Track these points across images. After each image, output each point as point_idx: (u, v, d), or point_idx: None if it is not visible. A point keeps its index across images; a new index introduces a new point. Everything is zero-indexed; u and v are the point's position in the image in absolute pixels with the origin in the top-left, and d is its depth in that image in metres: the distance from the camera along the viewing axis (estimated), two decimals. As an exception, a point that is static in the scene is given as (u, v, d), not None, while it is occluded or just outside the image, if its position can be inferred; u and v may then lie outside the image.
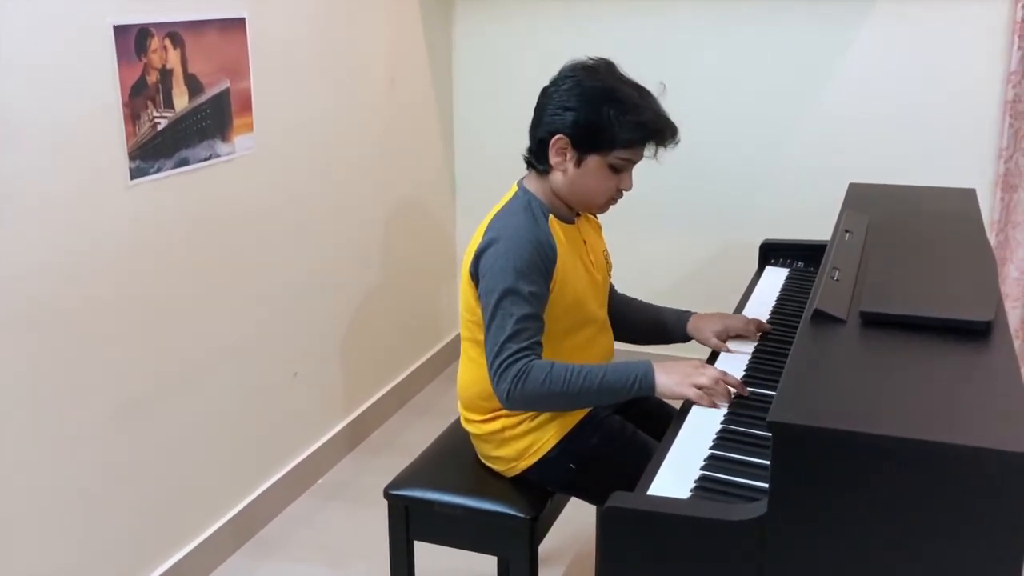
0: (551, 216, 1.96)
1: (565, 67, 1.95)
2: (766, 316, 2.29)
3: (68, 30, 2.05)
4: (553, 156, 1.92)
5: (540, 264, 1.87)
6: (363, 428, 3.37)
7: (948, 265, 1.93)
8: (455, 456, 2.14)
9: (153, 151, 2.29)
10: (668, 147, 1.94)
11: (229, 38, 2.51)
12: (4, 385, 1.99)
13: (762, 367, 2.00)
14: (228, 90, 2.52)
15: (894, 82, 3.30)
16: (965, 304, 1.68)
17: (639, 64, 2.05)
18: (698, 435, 1.72)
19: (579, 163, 1.92)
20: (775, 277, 2.58)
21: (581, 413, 2.01)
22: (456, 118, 3.86)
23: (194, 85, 2.40)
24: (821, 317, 1.69)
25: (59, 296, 2.09)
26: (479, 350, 1.93)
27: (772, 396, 1.43)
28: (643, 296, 2.35)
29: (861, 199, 2.46)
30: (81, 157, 2.11)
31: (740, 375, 1.97)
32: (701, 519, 1.40)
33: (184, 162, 2.39)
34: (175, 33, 2.32)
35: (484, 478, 2.06)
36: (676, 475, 1.60)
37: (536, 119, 1.97)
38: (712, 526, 1.39)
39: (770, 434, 1.32)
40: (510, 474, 2.03)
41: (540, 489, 2.02)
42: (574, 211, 2.04)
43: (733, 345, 2.12)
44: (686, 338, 2.21)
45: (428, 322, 3.83)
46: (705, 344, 2.16)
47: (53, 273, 2.07)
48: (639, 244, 3.64)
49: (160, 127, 2.30)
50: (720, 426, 1.74)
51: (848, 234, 2.14)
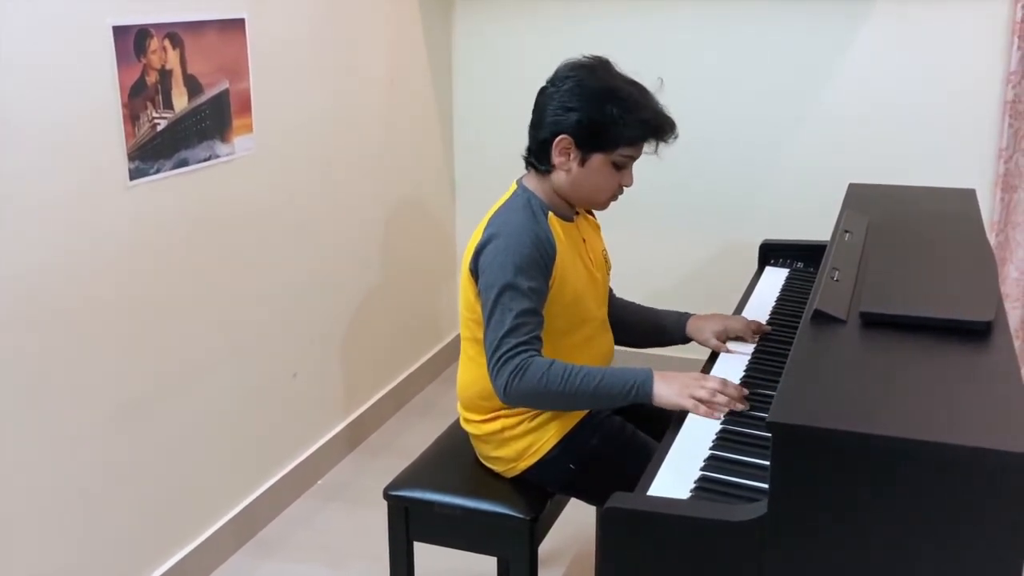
0: (551, 213, 1.97)
1: (562, 67, 1.96)
2: (766, 316, 2.29)
3: (68, 31, 2.05)
4: (556, 156, 1.93)
5: (539, 260, 1.88)
6: (363, 429, 3.37)
7: (948, 265, 1.93)
8: (455, 457, 2.14)
9: (152, 152, 2.29)
10: (669, 142, 1.96)
11: (228, 39, 2.51)
12: (4, 385, 1.99)
13: (762, 367, 2.00)
14: (227, 91, 2.52)
15: (894, 82, 3.30)
16: (965, 304, 1.68)
17: (639, 64, 2.05)
18: (698, 436, 1.72)
19: (583, 162, 1.93)
20: (775, 277, 2.58)
21: (581, 414, 2.01)
22: (456, 118, 3.86)
23: (193, 86, 2.40)
24: (821, 317, 1.69)
25: (59, 296, 2.09)
26: (479, 349, 1.93)
27: (772, 396, 1.43)
28: (643, 297, 2.35)
29: (861, 199, 2.46)
30: (81, 158, 2.11)
31: (740, 375, 1.97)
32: (701, 520, 1.40)
33: (183, 163, 2.39)
34: (174, 34, 2.32)
35: (484, 479, 2.06)
36: (676, 476, 1.60)
37: (536, 119, 1.97)
38: (712, 526, 1.39)
39: (770, 434, 1.32)
40: (510, 475, 2.03)
41: (540, 490, 2.02)
42: (573, 209, 2.05)
43: (732, 346, 2.12)
44: (685, 339, 2.21)
45: (427, 323, 3.83)
46: (704, 345, 2.17)
47: (53, 273, 2.07)
48: (639, 244, 3.64)
49: (159, 128, 2.30)
50: (720, 427, 1.74)
51: (848, 234, 2.14)
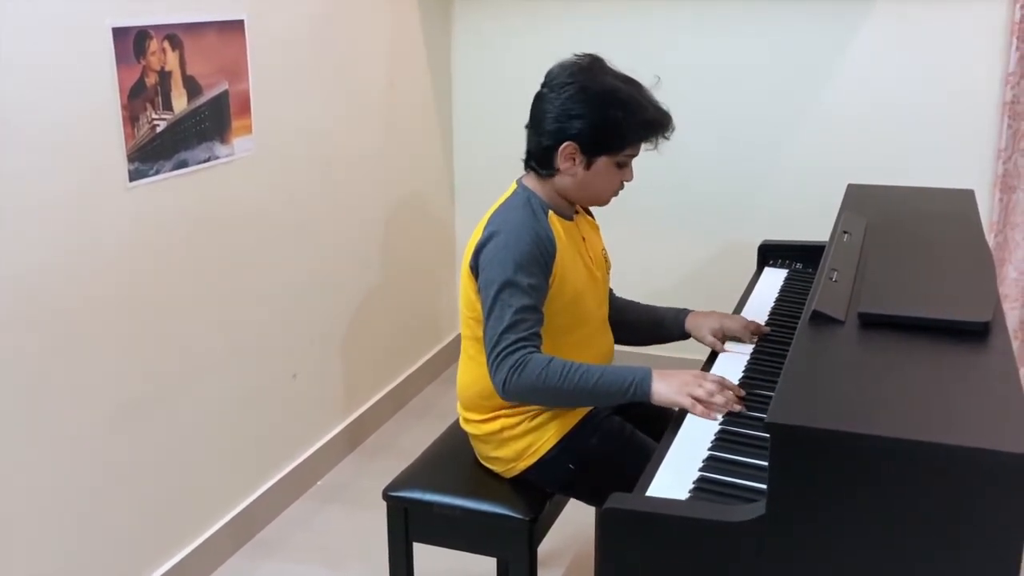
0: (551, 212, 1.98)
1: (557, 70, 1.96)
2: (765, 317, 2.29)
3: (67, 32, 2.05)
4: (562, 162, 1.94)
5: (540, 257, 1.89)
6: (362, 430, 3.37)
7: (946, 266, 1.94)
8: (454, 457, 2.14)
9: (152, 153, 2.29)
10: (669, 137, 1.98)
11: (228, 40, 2.51)
12: (4, 385, 1.99)
13: (760, 368, 2.00)
14: (227, 92, 2.52)
15: (893, 83, 3.30)
16: (963, 305, 1.68)
17: (639, 64, 2.06)
18: (697, 436, 1.72)
19: (588, 165, 1.95)
20: (774, 278, 2.58)
21: (580, 413, 2.01)
22: (455, 118, 3.86)
23: (193, 87, 2.40)
24: (819, 318, 1.69)
25: (59, 297, 2.09)
26: (480, 348, 1.94)
27: (770, 397, 1.43)
28: (642, 297, 2.35)
29: (860, 200, 2.46)
30: (80, 159, 2.11)
31: (739, 376, 1.97)
32: (700, 520, 1.40)
33: (183, 164, 2.40)
34: (174, 35, 2.32)
35: (483, 479, 2.06)
36: (675, 476, 1.60)
37: (536, 125, 1.97)
38: (711, 527, 1.39)
39: (768, 435, 1.33)
40: (509, 475, 2.03)
41: (539, 490, 2.02)
42: (573, 208, 2.06)
43: (729, 346, 2.12)
44: (684, 335, 2.22)
45: (427, 324, 3.84)
46: (701, 342, 2.18)
47: (53, 274, 2.07)
48: (639, 245, 3.64)
49: (159, 129, 2.31)
50: (718, 427, 1.75)
51: (847, 235, 2.14)
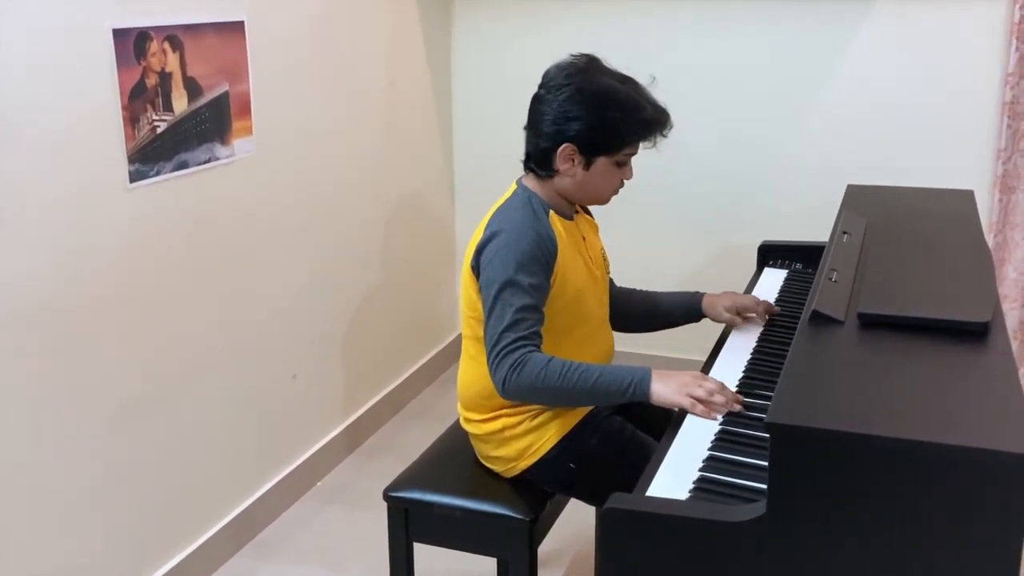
0: (551, 212, 1.98)
1: (554, 71, 1.96)
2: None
3: (68, 33, 2.05)
4: (561, 163, 1.95)
5: (541, 257, 1.89)
6: (362, 431, 3.37)
7: (946, 266, 1.94)
8: (454, 458, 2.15)
9: (152, 154, 2.30)
10: (667, 135, 1.99)
11: (228, 41, 2.52)
12: (4, 386, 1.99)
13: (760, 368, 2.00)
14: (227, 93, 2.53)
15: (893, 83, 3.30)
16: (962, 305, 1.69)
17: (638, 64, 2.06)
18: (697, 436, 1.73)
19: (587, 166, 1.95)
20: (774, 278, 2.58)
21: (581, 413, 2.02)
22: (455, 119, 3.86)
23: (193, 88, 2.40)
24: (819, 318, 1.69)
25: (59, 298, 2.09)
26: (480, 348, 1.94)
27: (770, 397, 1.44)
28: (642, 297, 2.36)
29: (859, 200, 2.46)
30: (81, 160, 2.11)
31: (739, 375, 1.97)
32: (700, 520, 1.40)
33: (183, 165, 2.40)
34: (174, 36, 2.32)
35: (483, 479, 2.06)
36: (675, 476, 1.60)
37: (534, 127, 1.97)
38: (711, 527, 1.39)
39: (768, 435, 1.33)
40: (510, 474, 2.04)
41: (539, 490, 2.02)
42: (573, 207, 2.06)
43: (736, 331, 2.19)
44: (698, 317, 2.28)
45: (427, 325, 3.84)
46: (717, 320, 2.25)
47: (53, 275, 2.07)
48: (638, 245, 3.64)
49: (159, 130, 2.31)
50: (718, 427, 1.75)
51: (846, 235, 2.14)
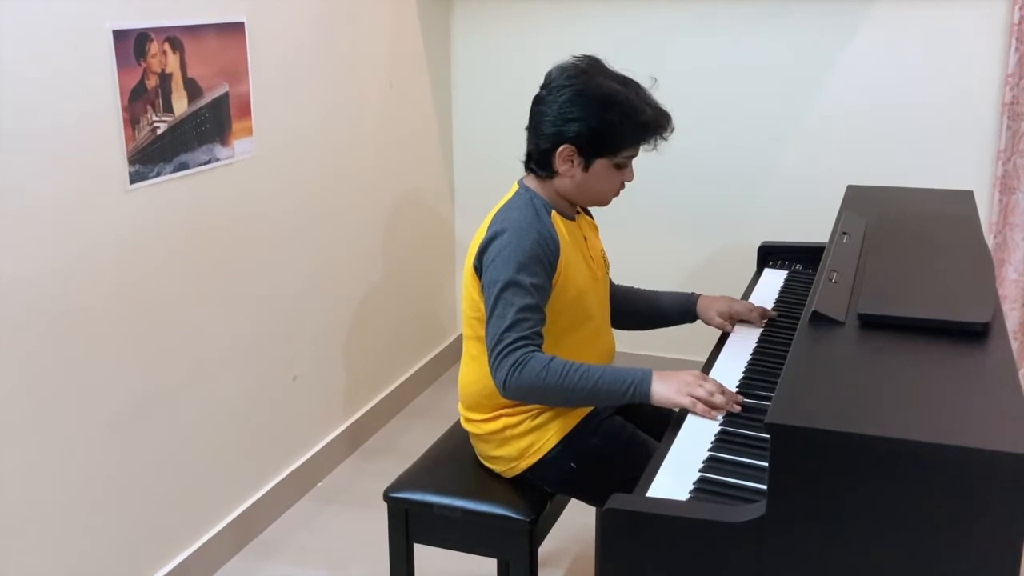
0: (553, 212, 1.98)
1: (555, 72, 1.96)
2: (765, 318, 2.30)
3: (68, 35, 2.05)
4: (560, 164, 1.95)
5: (543, 257, 1.89)
6: (362, 431, 3.37)
7: (946, 267, 1.94)
8: (454, 458, 2.15)
9: (152, 155, 2.30)
10: (667, 138, 1.98)
11: (228, 42, 2.52)
12: (4, 389, 1.99)
13: (760, 369, 2.01)
14: (227, 94, 2.53)
15: (892, 83, 3.31)
16: (962, 306, 1.69)
17: (638, 65, 2.06)
18: (697, 437, 1.73)
19: (587, 168, 1.95)
20: (774, 279, 2.59)
21: (582, 413, 2.02)
22: (455, 119, 3.87)
23: (193, 89, 2.40)
24: (819, 319, 1.69)
25: (59, 300, 2.09)
26: (482, 348, 1.94)
27: (770, 398, 1.44)
28: (642, 298, 2.36)
29: (859, 201, 2.46)
30: (81, 161, 2.11)
31: (739, 376, 1.97)
32: (700, 521, 1.40)
33: (183, 166, 2.40)
34: (174, 37, 2.32)
35: (484, 480, 2.06)
36: (675, 477, 1.60)
37: (535, 128, 1.98)
38: (711, 528, 1.39)
39: (768, 436, 1.33)
40: (510, 474, 2.04)
41: (540, 491, 2.02)
42: (574, 208, 2.07)
43: (738, 329, 2.18)
44: (692, 318, 2.27)
45: (427, 326, 3.84)
46: (709, 323, 2.24)
47: (53, 276, 2.07)
48: (638, 247, 3.64)
49: (159, 131, 2.31)
50: (719, 428, 1.75)
51: (846, 236, 2.15)
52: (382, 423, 3.50)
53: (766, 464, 1.35)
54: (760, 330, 2.21)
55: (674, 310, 2.30)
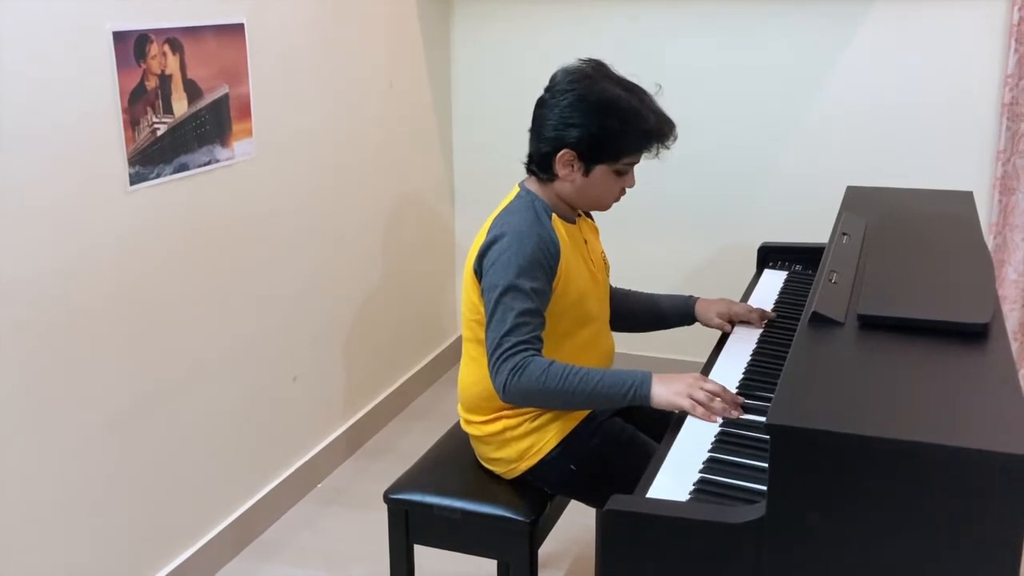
0: (554, 215, 1.98)
1: (560, 75, 1.96)
2: (764, 319, 2.30)
3: (68, 36, 2.05)
4: (560, 169, 1.94)
5: (543, 261, 1.89)
6: (362, 432, 3.37)
7: (946, 268, 1.94)
8: (454, 459, 2.15)
9: (152, 156, 2.30)
10: (670, 147, 1.97)
11: (228, 43, 2.52)
12: (4, 389, 1.99)
13: (760, 369, 2.01)
14: (227, 95, 2.53)
15: (892, 84, 3.31)
16: (962, 307, 1.69)
17: (638, 65, 2.06)
18: (697, 438, 1.73)
19: (587, 173, 1.95)
20: (773, 280, 2.59)
21: (582, 415, 2.02)
22: (455, 119, 3.87)
23: (193, 90, 2.41)
24: (819, 320, 1.69)
25: (59, 300, 2.09)
26: (481, 350, 1.94)
27: (770, 398, 1.44)
28: (642, 299, 2.36)
29: (859, 202, 2.46)
30: (81, 162, 2.11)
31: (738, 376, 1.97)
32: (700, 522, 1.40)
33: (183, 167, 2.40)
34: (174, 39, 2.32)
35: (484, 481, 2.06)
36: (675, 478, 1.60)
37: (536, 131, 1.97)
38: (711, 528, 1.39)
39: (768, 436, 1.33)
40: (510, 476, 2.04)
41: (540, 492, 2.02)
42: (575, 211, 2.06)
43: (737, 330, 2.18)
44: (691, 320, 2.28)
45: (427, 327, 3.84)
46: (708, 325, 2.24)
47: (53, 278, 2.07)
48: (637, 247, 3.64)
49: (159, 132, 2.31)
50: (718, 429, 1.75)
51: (846, 237, 2.15)
52: (382, 424, 3.50)
53: (766, 465, 1.35)
54: (760, 331, 2.21)
55: (672, 312, 2.30)
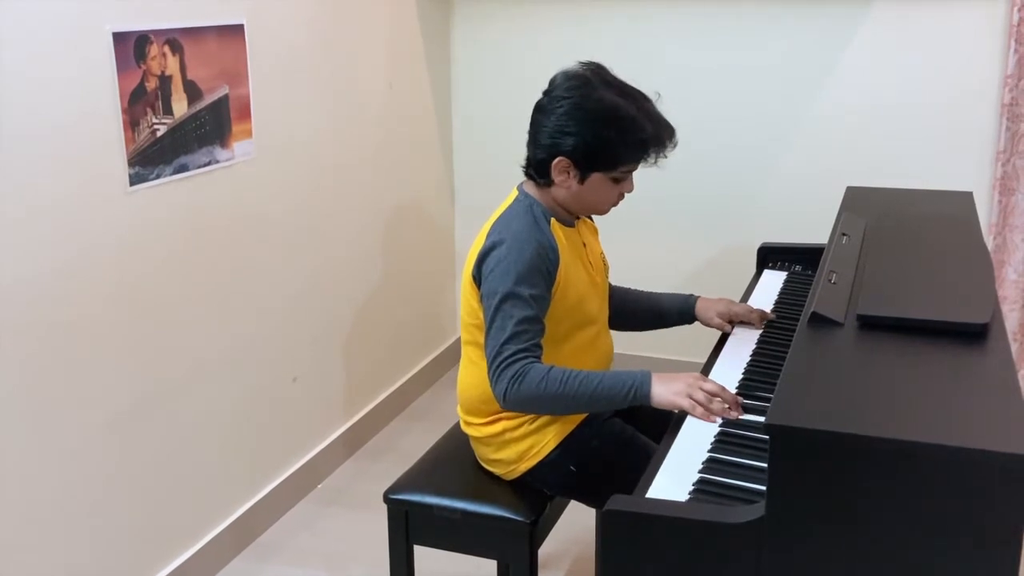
0: (552, 219, 1.98)
1: (558, 81, 1.94)
2: (764, 319, 2.30)
3: (68, 37, 2.05)
4: (556, 175, 1.94)
5: (542, 267, 1.89)
6: (362, 433, 3.37)
7: (945, 268, 1.94)
8: (454, 460, 2.15)
9: (152, 157, 2.30)
10: (668, 155, 1.95)
11: (228, 44, 2.52)
12: (4, 389, 1.99)
13: (760, 369, 2.01)
14: (227, 96, 2.53)
15: (892, 84, 3.31)
16: (962, 307, 1.69)
17: (638, 65, 2.06)
18: (696, 438, 1.73)
19: (582, 180, 1.94)
20: (773, 280, 2.59)
21: (581, 416, 2.02)
22: (455, 120, 3.87)
23: (193, 91, 2.41)
24: (819, 320, 1.69)
25: (59, 300, 2.09)
26: (480, 353, 1.94)
27: (770, 399, 1.44)
28: (642, 299, 2.36)
29: (859, 202, 2.46)
30: (81, 163, 2.11)
31: (738, 377, 1.97)
32: (700, 522, 1.41)
33: (183, 168, 2.40)
34: (174, 40, 2.33)
35: (483, 482, 2.06)
36: (675, 478, 1.60)
37: (533, 136, 1.96)
38: (711, 529, 1.39)
39: (768, 437, 1.33)
40: (510, 477, 2.04)
41: (540, 492, 2.02)
42: (573, 215, 2.06)
43: (737, 331, 2.18)
44: (691, 319, 2.28)
45: (427, 327, 3.84)
46: (708, 324, 2.24)
47: (53, 278, 2.07)
48: (637, 248, 3.64)
49: (159, 133, 2.31)
50: (718, 429, 1.75)
51: (846, 237, 2.15)
52: (382, 424, 3.50)
53: (765, 465, 1.35)
54: (759, 331, 2.21)
55: (673, 311, 2.30)
